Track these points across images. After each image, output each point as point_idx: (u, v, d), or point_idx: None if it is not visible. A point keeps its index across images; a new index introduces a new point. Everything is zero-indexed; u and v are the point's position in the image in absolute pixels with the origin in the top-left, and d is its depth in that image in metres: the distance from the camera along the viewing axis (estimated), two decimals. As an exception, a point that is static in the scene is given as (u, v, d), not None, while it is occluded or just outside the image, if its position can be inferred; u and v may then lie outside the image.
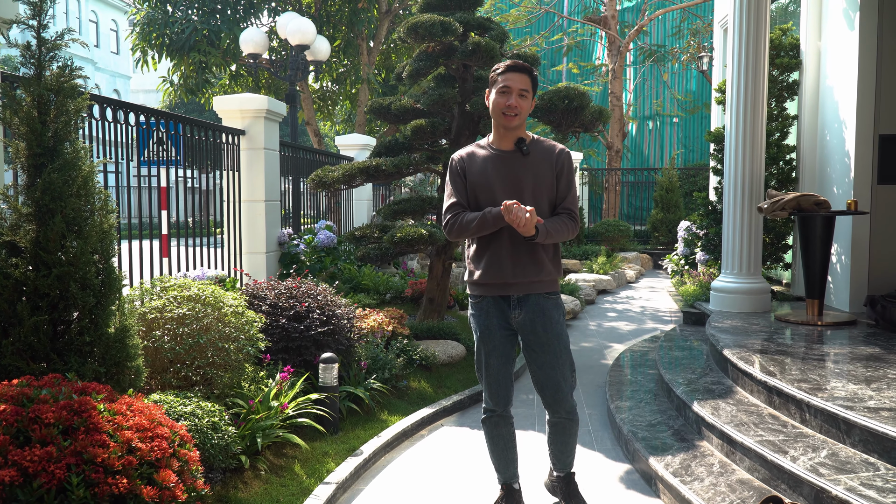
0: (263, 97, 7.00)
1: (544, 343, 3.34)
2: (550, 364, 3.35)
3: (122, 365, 3.17)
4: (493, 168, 3.31)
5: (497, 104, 3.26)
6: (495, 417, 3.52)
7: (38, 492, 2.12)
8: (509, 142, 3.33)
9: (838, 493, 3.09)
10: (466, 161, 3.37)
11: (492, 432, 3.55)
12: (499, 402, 3.48)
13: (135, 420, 2.49)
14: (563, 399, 3.40)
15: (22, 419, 2.28)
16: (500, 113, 3.25)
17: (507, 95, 3.23)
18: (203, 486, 2.64)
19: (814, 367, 4.60)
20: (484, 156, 3.35)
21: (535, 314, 3.34)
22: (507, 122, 3.26)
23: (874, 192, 6.79)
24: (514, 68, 3.25)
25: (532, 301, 3.34)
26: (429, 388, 5.73)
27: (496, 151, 3.34)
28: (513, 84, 3.23)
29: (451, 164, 3.42)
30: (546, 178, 3.31)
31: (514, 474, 3.63)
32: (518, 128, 3.31)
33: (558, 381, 3.37)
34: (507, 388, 3.48)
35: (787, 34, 8.23)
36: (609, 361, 6.91)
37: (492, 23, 7.17)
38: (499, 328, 3.39)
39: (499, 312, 3.38)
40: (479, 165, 3.33)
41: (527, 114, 3.31)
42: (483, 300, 3.40)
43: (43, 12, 3.06)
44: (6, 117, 3.05)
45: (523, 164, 3.30)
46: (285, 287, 5.23)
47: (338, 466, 4.11)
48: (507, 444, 3.57)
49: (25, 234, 2.99)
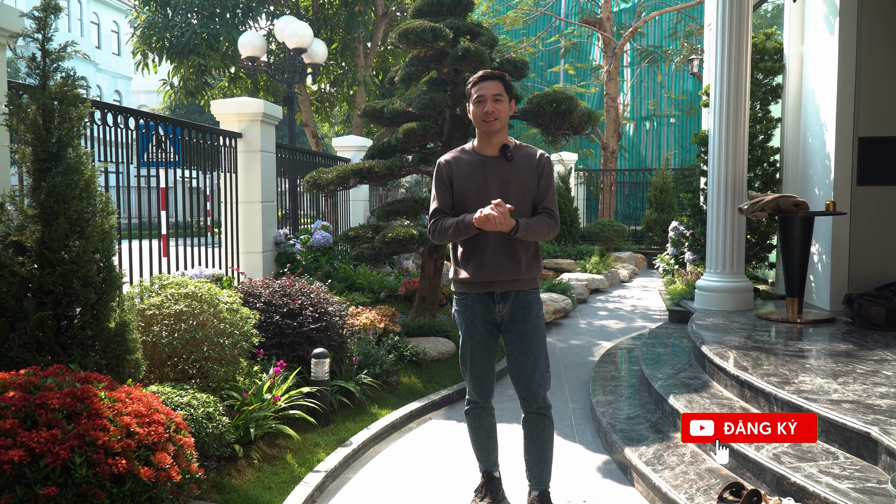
0: (260, 101, 7.19)
1: (522, 333, 3.51)
2: (526, 353, 3.52)
3: (121, 358, 3.35)
4: (478, 173, 3.47)
5: (475, 114, 3.43)
6: (477, 409, 3.71)
7: (44, 470, 2.31)
8: (494, 148, 3.49)
9: (797, 480, 3.28)
10: (453, 166, 3.52)
11: (474, 423, 3.73)
12: (481, 394, 3.67)
13: (133, 407, 2.68)
14: (537, 391, 3.54)
15: (29, 405, 2.48)
16: (480, 121, 3.42)
17: (482, 104, 3.40)
18: (197, 470, 2.83)
19: (786, 363, 4.79)
20: (469, 161, 3.51)
21: (516, 307, 3.51)
22: (488, 128, 3.42)
23: (854, 193, 6.99)
24: (484, 77, 3.44)
25: (514, 296, 3.52)
26: (419, 383, 5.92)
27: (481, 157, 3.50)
28: (485, 92, 3.40)
29: (437, 168, 3.56)
30: (529, 181, 3.48)
31: (494, 463, 3.83)
32: (500, 132, 3.47)
33: (532, 371, 3.51)
34: (489, 380, 3.67)
35: (771, 39, 8.42)
36: (596, 358, 7.10)
37: (482, 28, 7.36)
38: (483, 323, 3.55)
39: (483, 308, 3.54)
40: (465, 171, 3.49)
41: (507, 116, 3.46)
42: (468, 297, 3.57)
43: (47, 26, 3.25)
44: (13, 124, 3.24)
45: (507, 168, 3.46)
46: (279, 285, 5.42)
47: (328, 456, 4.31)
48: (488, 434, 3.76)
49: (31, 234, 3.17)
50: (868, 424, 3.47)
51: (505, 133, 3.53)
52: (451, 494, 3.99)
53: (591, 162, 22.21)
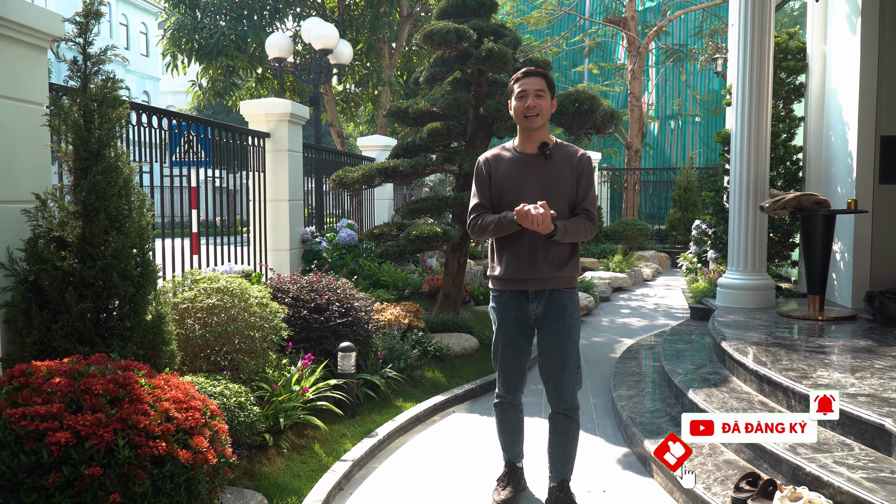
0: (287, 101, 7.34)
1: (554, 332, 3.53)
2: (556, 353, 3.53)
3: (157, 349, 3.50)
4: (517, 171, 3.51)
5: (517, 109, 3.47)
6: (505, 403, 3.79)
7: (89, 451, 2.45)
8: (533, 145, 3.52)
9: (812, 470, 3.36)
10: (492, 163, 3.57)
11: (501, 416, 3.83)
12: (509, 390, 3.73)
13: (171, 393, 2.82)
14: (564, 392, 3.56)
15: (74, 390, 2.62)
16: (522, 116, 3.46)
17: (524, 99, 3.44)
18: (231, 455, 2.96)
19: (804, 358, 4.85)
20: (509, 158, 3.55)
21: (550, 306, 3.52)
22: (529, 124, 3.45)
23: (875, 191, 7.01)
24: (528, 73, 3.48)
25: (548, 295, 3.53)
26: (442, 377, 6.04)
27: (521, 155, 3.54)
28: (528, 87, 3.44)
29: (477, 165, 3.63)
30: (567, 180, 3.49)
31: (518, 454, 3.92)
32: (541, 129, 3.49)
33: (561, 372, 3.53)
34: (519, 378, 3.71)
35: (794, 38, 8.45)
36: (618, 355, 7.17)
37: (505, 29, 7.46)
38: (515, 321, 3.58)
39: (517, 306, 3.57)
40: (504, 168, 3.53)
41: (548, 113, 3.49)
42: (502, 294, 3.61)
43: (88, 30, 3.40)
44: (55, 125, 3.41)
45: (546, 167, 3.48)
46: (307, 281, 5.56)
47: (354, 446, 4.44)
48: (514, 427, 3.84)
49: (72, 230, 3.33)
50: (883, 417, 3.53)
51: (545, 131, 3.55)
52: (473, 484, 4.11)
53: (616, 161, 22.22)
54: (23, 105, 3.50)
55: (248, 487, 3.69)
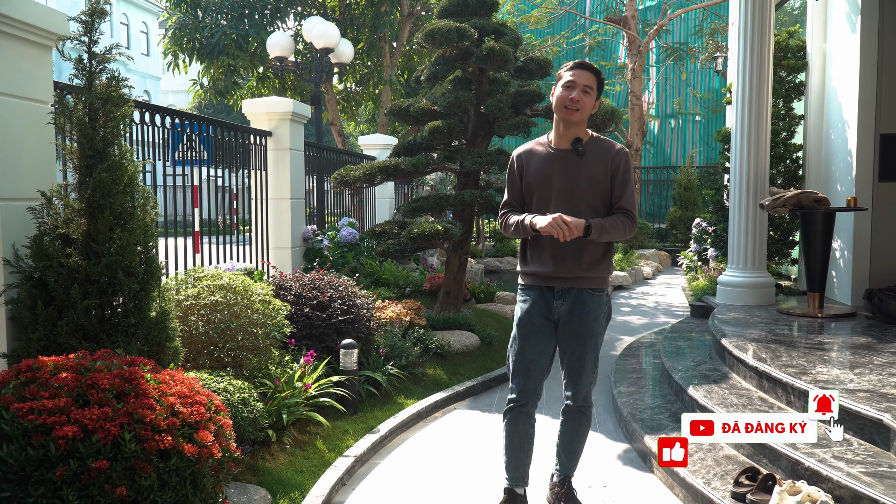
0: (289, 100, 7.37)
1: (577, 335, 3.39)
2: (576, 354, 3.41)
3: (162, 345, 3.53)
4: (547, 168, 3.38)
5: (560, 98, 3.31)
6: (516, 411, 3.47)
7: (95, 445, 2.48)
8: (567, 140, 3.37)
9: (811, 465, 3.39)
10: (524, 159, 3.46)
11: (510, 427, 3.49)
12: (524, 393, 3.44)
13: (177, 388, 2.85)
14: (580, 390, 3.47)
15: (81, 385, 2.65)
16: (562, 106, 3.30)
17: (570, 90, 3.28)
18: (235, 449, 2.99)
19: (804, 355, 4.88)
20: (542, 154, 3.42)
21: (574, 306, 3.38)
22: (567, 116, 3.29)
23: (875, 189, 7.05)
24: (582, 66, 3.33)
25: (574, 294, 3.39)
26: (443, 374, 6.07)
27: (554, 150, 3.40)
28: (578, 79, 3.28)
29: (510, 161, 3.52)
30: (599, 178, 3.34)
31: (522, 477, 3.55)
32: (578, 124, 3.35)
33: (579, 373, 3.44)
34: (538, 379, 3.45)
35: (794, 37, 8.48)
36: (618, 353, 7.20)
37: (506, 28, 7.48)
38: (539, 316, 3.42)
39: (543, 302, 3.42)
40: (536, 164, 3.41)
41: (588, 111, 3.33)
42: (529, 289, 3.48)
43: (94, 29, 3.43)
44: (60, 123, 3.44)
45: (578, 164, 3.34)
46: (309, 279, 5.59)
47: (356, 442, 4.47)
48: (522, 443, 3.50)
49: (77, 227, 3.35)
50: (881, 412, 3.57)
51: (583, 127, 3.40)
52: (475, 481, 4.14)
53: (616, 160, 22.18)
54: (28, 103, 3.53)
55: (251, 482, 3.72)
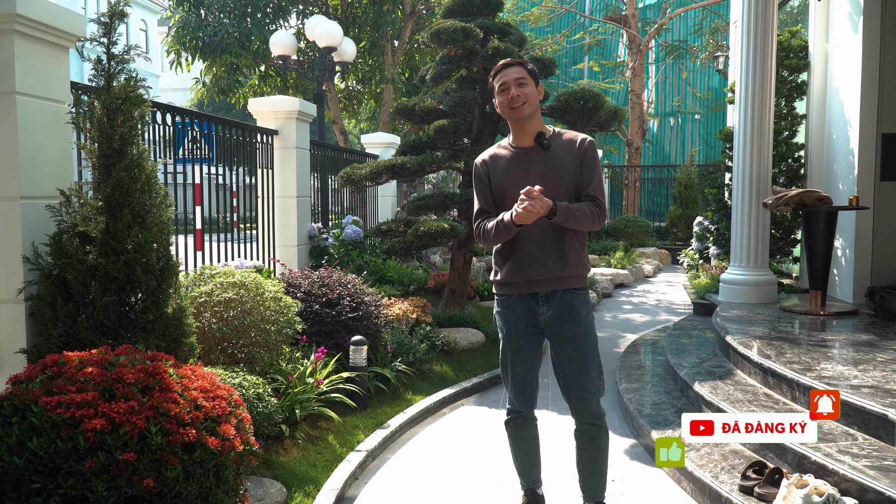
0: (296, 99, 7.42)
1: (572, 339, 3.25)
2: (577, 362, 3.25)
3: (178, 341, 3.59)
4: (516, 167, 3.26)
5: (502, 104, 3.24)
6: (519, 419, 3.45)
7: (123, 438, 2.54)
8: (528, 138, 3.27)
9: (817, 459, 3.45)
10: (489, 164, 3.33)
11: (515, 435, 3.48)
12: (523, 403, 3.40)
13: (198, 383, 2.90)
14: (588, 401, 3.27)
15: (106, 379, 2.71)
16: (508, 109, 3.22)
17: (506, 91, 3.22)
18: (255, 443, 3.05)
19: (808, 352, 4.95)
20: (506, 156, 3.31)
21: (562, 310, 3.24)
22: (517, 114, 3.21)
23: (877, 188, 7.11)
24: (505, 65, 3.27)
25: (559, 297, 3.25)
26: (450, 371, 6.13)
27: (517, 150, 3.29)
28: (508, 78, 3.22)
29: (474, 169, 3.39)
30: (570, 168, 3.22)
31: (537, 478, 3.57)
32: (532, 118, 3.25)
33: (584, 381, 3.25)
34: (532, 388, 3.40)
35: (796, 37, 8.54)
36: (622, 350, 7.27)
37: (511, 27, 7.54)
38: (525, 326, 3.30)
39: (526, 311, 3.29)
40: (502, 167, 3.29)
41: (535, 100, 3.25)
42: (509, 298, 3.32)
43: (113, 30, 3.49)
44: (79, 123, 3.49)
45: (546, 158, 3.22)
46: (318, 276, 5.65)
47: (367, 437, 4.54)
48: (530, 447, 3.50)
49: (96, 225, 3.41)
50: (886, 407, 3.63)
51: (538, 120, 3.30)
52: (486, 475, 4.21)
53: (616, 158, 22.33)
54: (47, 103, 3.59)
55: (266, 476, 3.78)
